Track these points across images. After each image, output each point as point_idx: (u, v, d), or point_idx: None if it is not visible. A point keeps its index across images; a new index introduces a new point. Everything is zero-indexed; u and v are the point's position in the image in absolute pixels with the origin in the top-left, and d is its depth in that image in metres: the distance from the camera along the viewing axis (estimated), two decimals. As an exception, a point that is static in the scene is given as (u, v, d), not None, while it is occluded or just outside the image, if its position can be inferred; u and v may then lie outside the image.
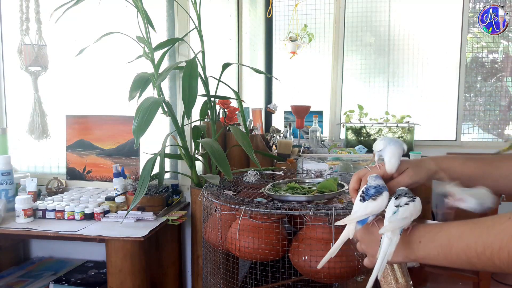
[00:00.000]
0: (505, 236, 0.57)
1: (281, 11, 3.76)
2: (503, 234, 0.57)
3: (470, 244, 0.61)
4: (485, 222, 0.61)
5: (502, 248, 0.57)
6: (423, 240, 0.68)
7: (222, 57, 2.42)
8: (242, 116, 1.88)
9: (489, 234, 0.59)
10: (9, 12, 1.97)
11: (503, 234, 0.57)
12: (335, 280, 1.24)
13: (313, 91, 3.77)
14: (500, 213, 0.62)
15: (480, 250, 0.59)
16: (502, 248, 0.57)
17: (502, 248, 0.57)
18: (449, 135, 3.59)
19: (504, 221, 0.58)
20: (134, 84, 1.54)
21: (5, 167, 1.70)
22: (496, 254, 0.58)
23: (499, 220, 0.59)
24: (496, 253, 0.58)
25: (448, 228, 0.65)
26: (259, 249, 1.24)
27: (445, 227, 0.66)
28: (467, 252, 0.61)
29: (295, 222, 1.29)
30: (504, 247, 0.57)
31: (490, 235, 0.59)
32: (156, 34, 1.68)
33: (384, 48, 3.65)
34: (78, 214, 1.59)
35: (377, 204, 0.75)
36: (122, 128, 1.89)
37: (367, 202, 0.76)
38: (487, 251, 0.59)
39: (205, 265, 1.48)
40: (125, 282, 1.43)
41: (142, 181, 1.41)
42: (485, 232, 0.60)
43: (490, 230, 0.59)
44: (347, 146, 3.42)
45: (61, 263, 1.95)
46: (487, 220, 0.61)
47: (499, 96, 3.56)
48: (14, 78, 2.01)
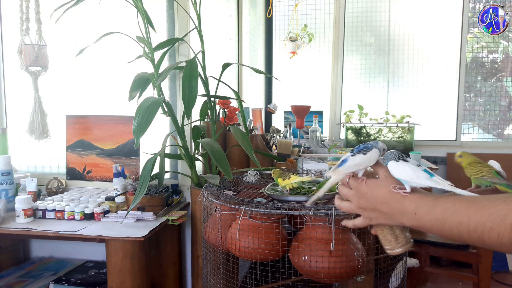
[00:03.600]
0: (497, 218, 0.60)
1: (281, 11, 3.76)
2: (495, 215, 0.60)
3: (463, 221, 0.64)
4: (480, 202, 0.64)
5: (492, 229, 0.60)
6: (418, 212, 0.70)
7: (222, 57, 2.42)
8: (242, 116, 1.88)
9: (482, 214, 0.62)
10: (9, 12, 1.97)
11: (495, 215, 0.60)
12: (335, 280, 1.24)
13: (313, 91, 3.77)
14: (497, 195, 0.65)
15: (472, 228, 0.62)
16: (492, 229, 0.60)
17: (492, 229, 0.60)
18: (449, 135, 3.59)
19: (499, 203, 0.61)
20: (134, 84, 1.54)
21: (5, 167, 1.70)
22: (486, 234, 0.61)
23: (494, 202, 0.62)
24: (487, 233, 0.61)
25: (444, 203, 0.67)
26: (259, 249, 1.23)
27: (441, 201, 0.68)
28: (459, 228, 0.64)
29: (295, 222, 1.29)
30: (495, 228, 0.59)
31: (483, 216, 0.61)
32: (156, 34, 1.68)
33: (384, 48, 3.65)
34: (78, 214, 1.59)
35: (367, 157, 0.77)
36: (122, 128, 1.89)
37: (357, 155, 0.77)
38: (478, 229, 0.62)
39: (205, 265, 1.48)
40: (125, 282, 1.43)
41: (142, 181, 1.41)
42: (479, 212, 0.62)
43: (484, 211, 0.62)
44: (347, 146, 3.42)
45: (61, 263, 1.95)
46: (482, 200, 0.64)
47: (499, 96, 3.56)
48: (14, 78, 2.01)
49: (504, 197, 0.61)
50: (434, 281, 2.88)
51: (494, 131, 3.60)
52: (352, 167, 0.77)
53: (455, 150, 3.49)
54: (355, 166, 0.77)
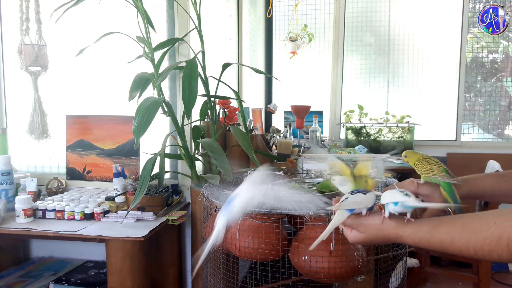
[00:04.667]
0: (492, 241, 0.63)
1: (281, 11, 3.76)
2: (490, 239, 0.63)
3: (462, 249, 0.67)
4: (471, 226, 0.67)
5: (491, 251, 0.63)
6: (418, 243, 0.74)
7: (222, 57, 2.42)
8: (242, 116, 1.88)
9: (478, 239, 0.65)
10: (9, 12, 1.97)
11: (490, 239, 0.63)
12: (335, 280, 1.24)
13: (313, 91, 3.77)
14: (483, 214, 0.68)
15: (472, 253, 0.66)
16: (491, 251, 0.63)
17: (491, 251, 0.63)
18: (449, 135, 3.59)
19: (491, 226, 0.64)
20: (134, 84, 1.54)
21: (5, 167, 1.70)
22: (487, 256, 0.64)
23: (486, 225, 0.65)
24: (487, 255, 0.64)
25: (438, 235, 0.70)
26: (259, 249, 1.23)
27: (435, 233, 0.71)
28: (459, 252, 0.69)
29: (295, 222, 1.29)
30: (494, 250, 0.63)
31: (478, 241, 0.65)
32: (156, 34, 1.67)
33: (384, 48, 3.66)
34: (78, 214, 1.59)
35: (367, 197, 0.81)
36: (122, 128, 1.89)
37: (357, 194, 0.82)
38: (479, 253, 0.65)
39: (205, 265, 1.48)
40: (125, 282, 1.43)
41: (142, 181, 1.41)
42: (474, 237, 0.65)
43: (479, 235, 0.65)
44: (347, 146, 3.43)
45: (61, 263, 1.95)
46: (472, 222, 0.67)
47: (499, 96, 3.56)
48: (14, 78, 2.01)
49: (493, 218, 0.64)
50: (434, 281, 2.88)
51: (494, 131, 3.60)
52: (353, 203, 0.81)
53: (455, 150, 3.50)
54: (355, 203, 0.81)
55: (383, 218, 0.78)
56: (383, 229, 0.78)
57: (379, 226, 0.78)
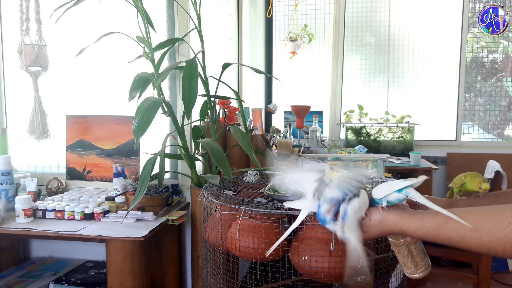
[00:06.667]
0: (507, 242, 0.61)
1: (281, 11, 3.76)
2: (504, 240, 0.61)
3: (472, 247, 0.65)
4: (484, 226, 0.64)
5: (505, 251, 0.62)
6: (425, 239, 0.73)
7: (222, 57, 2.42)
8: (242, 116, 1.88)
9: (491, 240, 0.63)
10: (9, 12, 1.97)
11: (504, 240, 0.61)
12: (335, 280, 1.24)
13: (313, 91, 3.77)
14: (494, 211, 0.65)
15: (483, 251, 0.64)
16: (505, 251, 0.62)
17: (505, 251, 0.62)
18: (449, 135, 3.59)
19: (505, 227, 0.62)
20: (134, 84, 1.54)
21: (5, 167, 1.70)
22: (500, 254, 0.63)
23: (500, 225, 0.62)
24: (500, 253, 0.63)
25: (446, 232, 0.68)
26: (259, 249, 1.23)
27: (443, 231, 0.69)
28: (469, 249, 0.66)
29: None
30: (508, 250, 0.62)
31: (492, 241, 0.63)
32: (156, 34, 1.68)
33: (384, 48, 3.66)
34: (78, 214, 1.59)
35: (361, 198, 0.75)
36: (122, 128, 1.89)
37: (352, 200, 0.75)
38: (491, 252, 0.63)
39: (205, 265, 1.48)
40: (125, 282, 1.43)
41: (142, 181, 1.41)
42: (486, 238, 0.63)
43: (492, 236, 0.63)
44: (347, 146, 3.43)
45: (61, 263, 1.95)
46: (483, 222, 0.64)
47: (499, 96, 3.56)
48: (14, 78, 2.01)
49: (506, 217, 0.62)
50: (434, 281, 2.88)
51: (494, 131, 3.61)
52: (355, 214, 0.75)
53: (455, 150, 3.50)
54: (357, 212, 0.75)
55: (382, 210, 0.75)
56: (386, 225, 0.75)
57: (380, 223, 0.76)
